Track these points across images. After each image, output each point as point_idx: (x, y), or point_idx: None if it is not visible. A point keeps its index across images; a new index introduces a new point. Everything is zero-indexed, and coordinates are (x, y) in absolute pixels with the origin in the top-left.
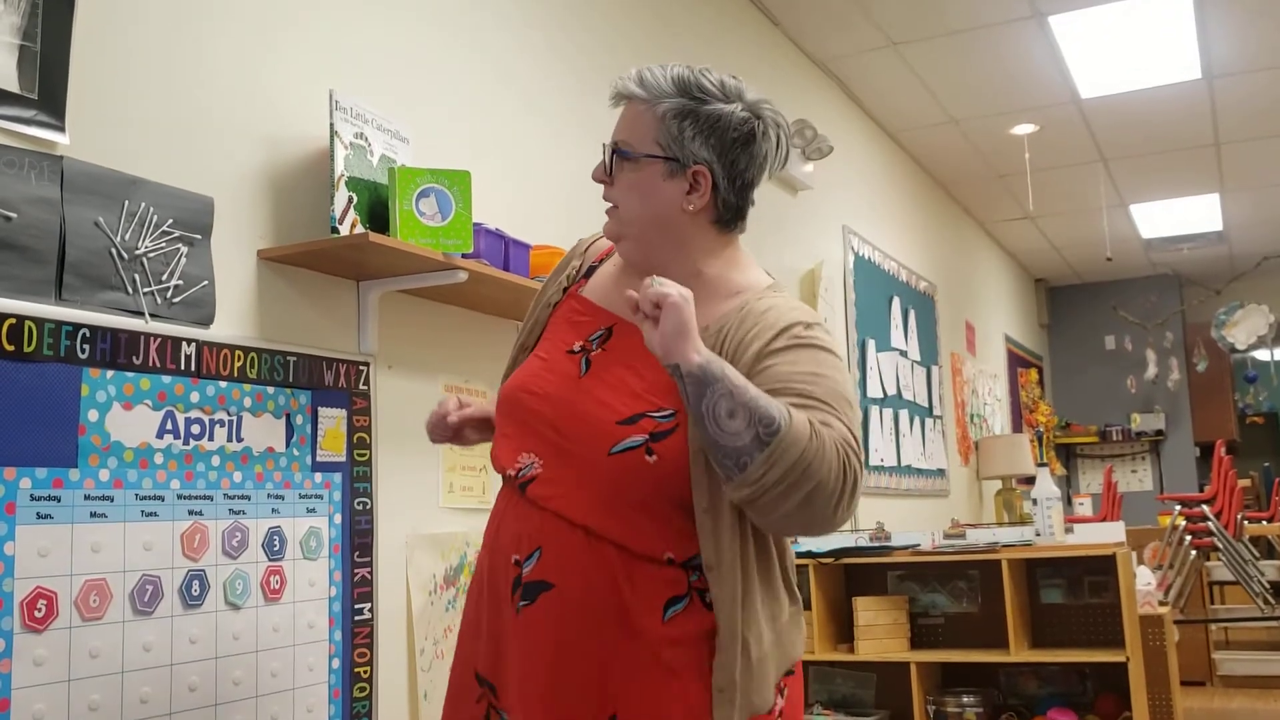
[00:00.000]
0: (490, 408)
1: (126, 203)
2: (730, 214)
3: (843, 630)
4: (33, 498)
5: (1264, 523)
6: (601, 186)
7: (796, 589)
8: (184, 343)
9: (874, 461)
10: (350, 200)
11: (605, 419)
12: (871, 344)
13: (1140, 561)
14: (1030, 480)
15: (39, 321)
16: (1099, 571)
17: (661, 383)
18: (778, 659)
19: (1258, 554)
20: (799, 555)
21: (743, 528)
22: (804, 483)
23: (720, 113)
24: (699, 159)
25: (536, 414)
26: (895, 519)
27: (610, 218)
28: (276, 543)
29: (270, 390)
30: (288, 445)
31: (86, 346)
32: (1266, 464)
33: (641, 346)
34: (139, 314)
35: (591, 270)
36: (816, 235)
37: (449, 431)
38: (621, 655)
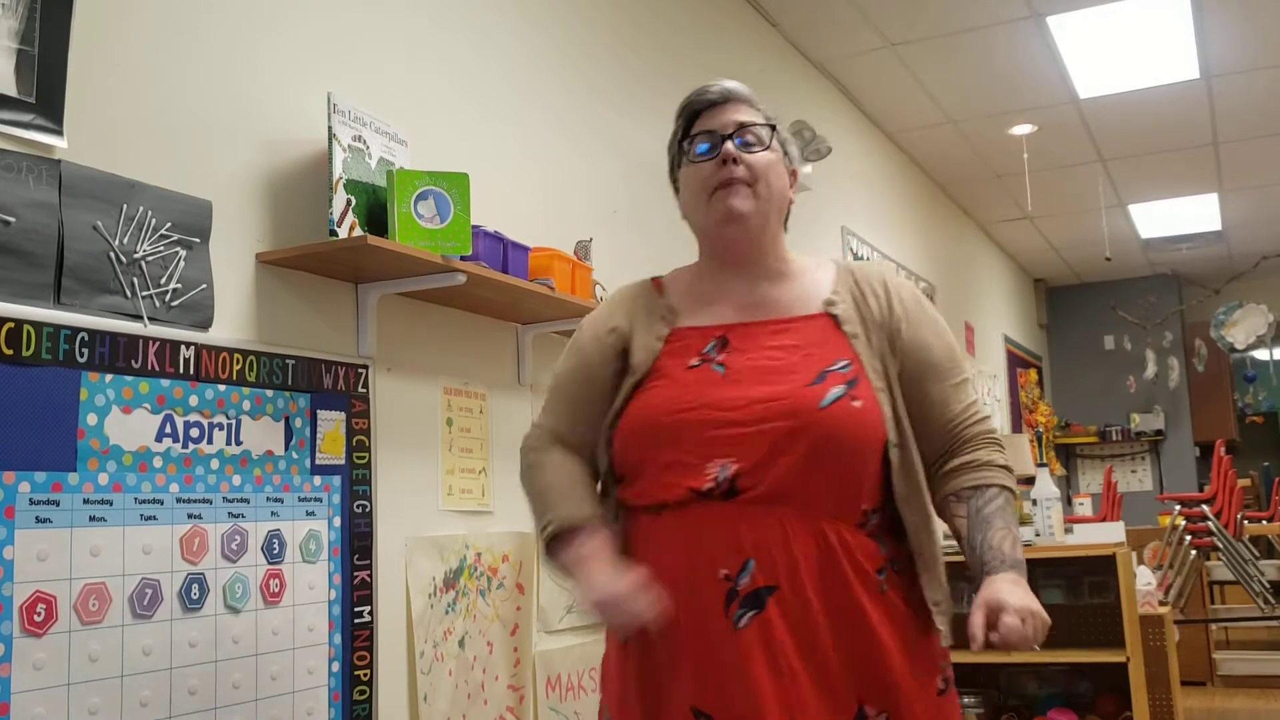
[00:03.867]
0: (601, 549)
1: (125, 206)
2: (788, 215)
3: None
4: (32, 502)
5: (1264, 522)
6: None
7: None
8: (183, 346)
9: None
10: (349, 203)
11: (794, 385)
12: None
13: (1140, 561)
14: (1030, 481)
15: (38, 325)
16: (1099, 572)
17: (817, 347)
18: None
19: (1258, 553)
20: None
21: (919, 465)
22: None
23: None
24: (794, 164)
25: (704, 423)
26: None
27: (741, 196)
28: (276, 546)
29: (269, 393)
30: (287, 448)
31: (85, 350)
32: (1266, 463)
33: (772, 333)
34: (138, 317)
35: (670, 309)
36: (815, 236)
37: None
38: (863, 633)
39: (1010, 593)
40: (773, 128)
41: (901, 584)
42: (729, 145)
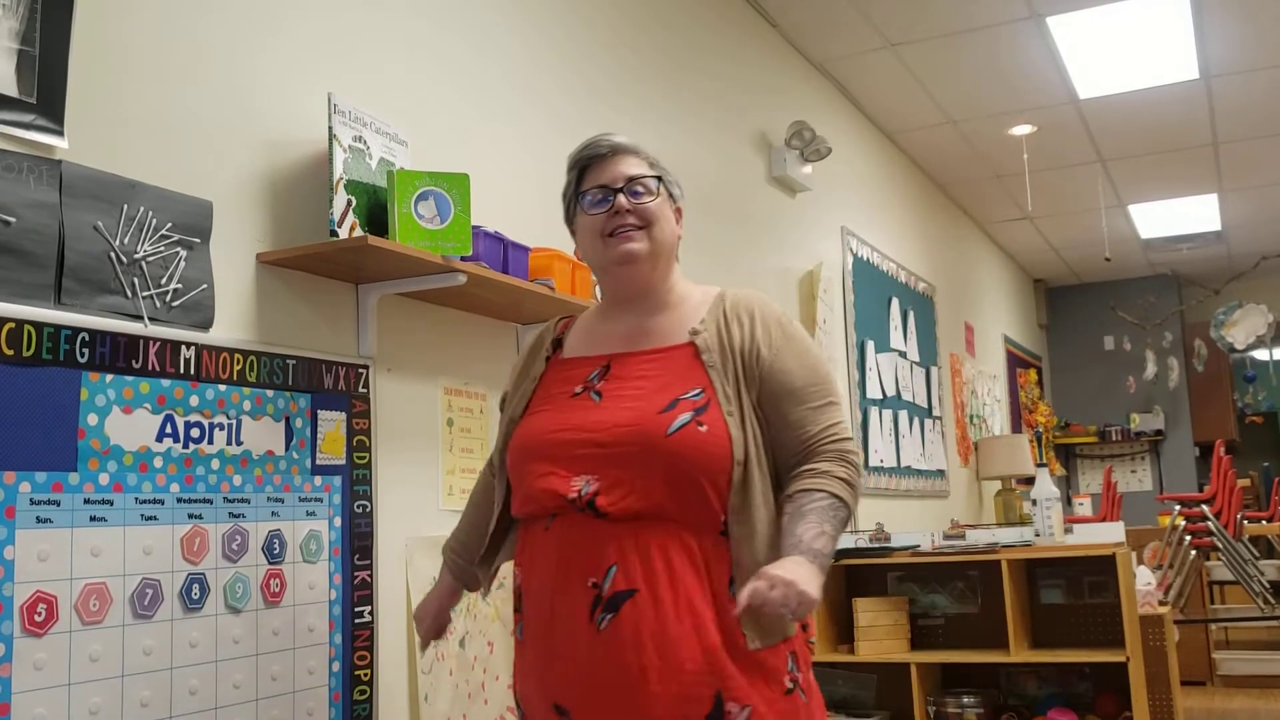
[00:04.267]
0: (442, 597)
1: (125, 207)
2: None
3: (843, 631)
4: (32, 502)
5: (1263, 522)
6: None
7: None
8: (183, 346)
9: (874, 462)
10: (349, 203)
11: (647, 412)
12: (870, 345)
13: (1140, 561)
14: (1030, 481)
15: (38, 325)
16: (1099, 572)
17: (677, 375)
18: None
19: (1257, 554)
20: None
21: (765, 482)
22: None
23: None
24: (678, 201)
25: (572, 442)
26: (895, 520)
27: (635, 240)
28: (276, 546)
29: (270, 393)
30: (287, 448)
31: (86, 350)
32: (1266, 463)
33: (646, 363)
34: (138, 318)
35: (559, 343)
36: (815, 237)
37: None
38: (706, 635)
39: (778, 565)
40: (659, 177)
41: None
42: (621, 198)
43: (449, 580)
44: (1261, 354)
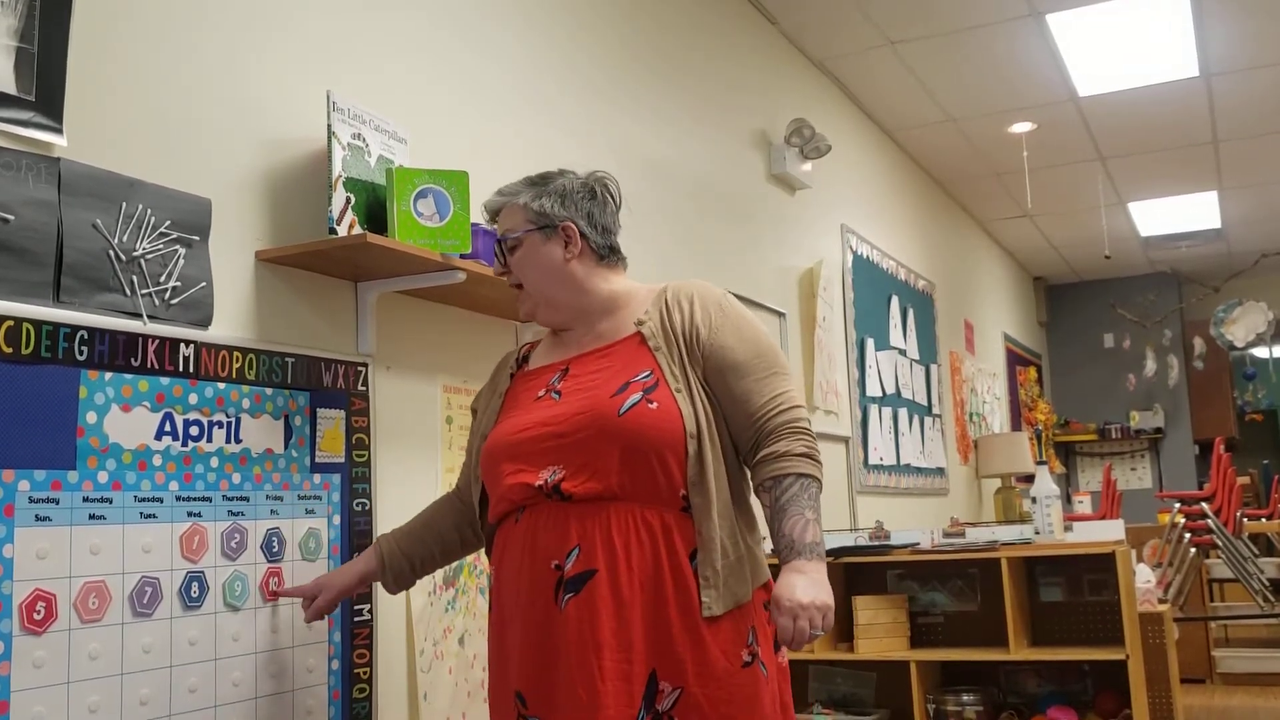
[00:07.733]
0: (331, 581)
1: (124, 204)
2: (606, 251)
3: (842, 629)
4: (31, 500)
5: (1263, 520)
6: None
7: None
8: (182, 344)
9: (873, 460)
10: (348, 201)
11: (600, 398)
12: (870, 343)
13: (1140, 559)
14: (1029, 478)
15: (37, 323)
16: (1098, 569)
17: (626, 363)
18: (753, 565)
19: (1257, 551)
20: None
21: (718, 455)
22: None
23: (564, 184)
24: (561, 218)
25: (536, 438)
26: (894, 518)
27: (520, 300)
28: (275, 544)
29: (269, 391)
30: (286, 446)
31: (85, 348)
32: (1265, 461)
33: (599, 359)
34: (137, 316)
35: (524, 360)
36: (815, 234)
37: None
38: (662, 610)
39: (787, 587)
40: (532, 225)
41: None
42: (495, 266)
43: (370, 564)
44: (1261, 351)
